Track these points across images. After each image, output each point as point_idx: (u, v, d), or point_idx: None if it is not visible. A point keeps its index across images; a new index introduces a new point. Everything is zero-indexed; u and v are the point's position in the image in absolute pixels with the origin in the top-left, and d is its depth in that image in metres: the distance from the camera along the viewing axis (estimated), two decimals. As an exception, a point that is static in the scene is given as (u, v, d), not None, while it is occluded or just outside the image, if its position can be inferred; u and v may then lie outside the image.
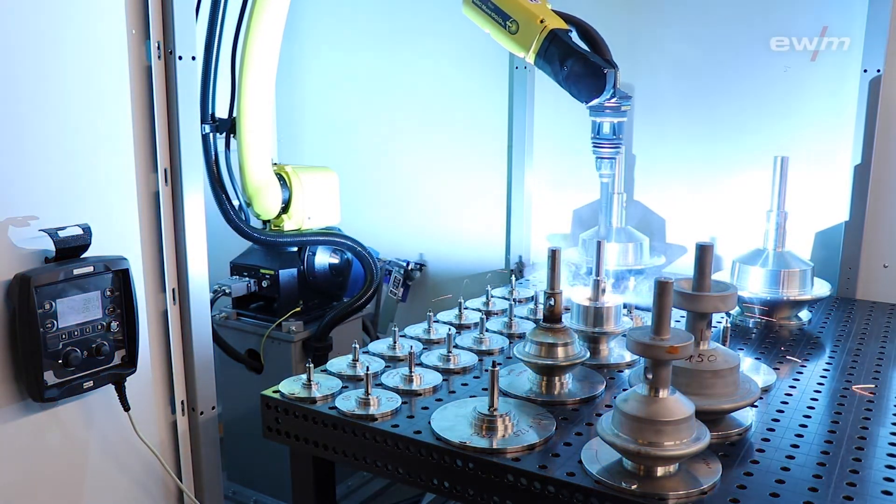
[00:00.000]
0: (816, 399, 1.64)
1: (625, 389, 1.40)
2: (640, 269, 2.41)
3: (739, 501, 1.22)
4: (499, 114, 2.92)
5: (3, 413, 1.51)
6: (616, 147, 2.17)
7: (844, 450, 1.39)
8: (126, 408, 1.68)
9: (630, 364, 1.82)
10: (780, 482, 1.27)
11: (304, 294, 2.54)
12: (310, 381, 1.65)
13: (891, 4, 2.20)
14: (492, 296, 2.32)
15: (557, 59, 1.96)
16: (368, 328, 2.99)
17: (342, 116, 3.35)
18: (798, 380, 1.74)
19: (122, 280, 1.63)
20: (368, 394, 1.56)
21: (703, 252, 1.45)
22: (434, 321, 2.07)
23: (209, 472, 1.93)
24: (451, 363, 1.80)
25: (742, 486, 1.26)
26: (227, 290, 2.45)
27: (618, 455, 1.29)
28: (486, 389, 1.45)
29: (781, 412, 1.56)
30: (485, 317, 2.07)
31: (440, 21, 3.00)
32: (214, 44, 2.25)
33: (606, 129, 2.14)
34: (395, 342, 1.90)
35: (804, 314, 2.23)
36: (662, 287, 1.25)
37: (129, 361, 1.67)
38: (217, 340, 2.39)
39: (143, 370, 1.73)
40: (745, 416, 1.50)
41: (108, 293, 1.61)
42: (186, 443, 1.89)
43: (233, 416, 2.59)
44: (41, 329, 1.49)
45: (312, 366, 1.67)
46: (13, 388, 1.52)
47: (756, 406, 1.56)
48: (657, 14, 2.59)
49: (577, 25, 2.07)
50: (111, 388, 1.67)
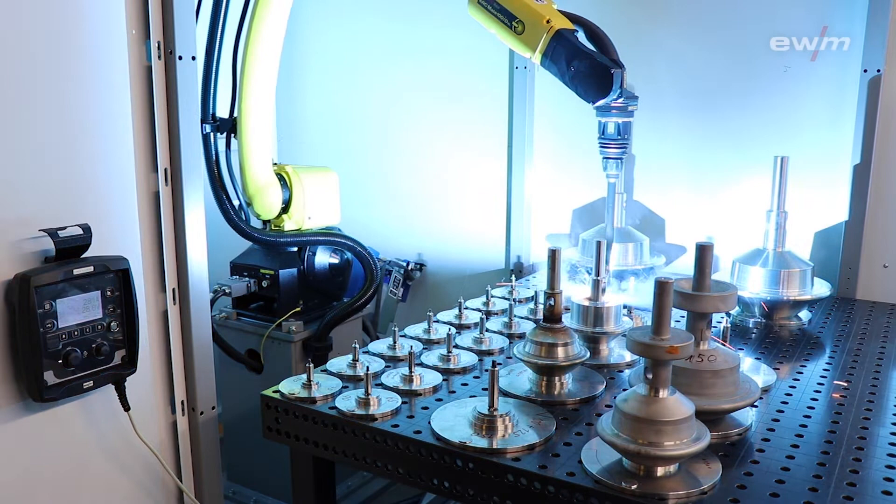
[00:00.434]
0: (816, 399, 1.64)
1: (625, 389, 1.40)
2: (639, 270, 2.40)
3: (739, 501, 1.22)
4: (499, 114, 2.92)
5: (3, 413, 1.51)
6: (623, 147, 2.15)
7: (844, 450, 1.39)
8: (126, 408, 1.68)
9: (630, 364, 1.82)
10: (780, 482, 1.27)
11: (304, 294, 2.54)
12: (310, 381, 1.65)
13: (891, 4, 2.20)
14: (492, 296, 2.32)
15: (564, 60, 1.95)
16: (368, 328, 2.99)
17: (342, 116, 3.35)
18: (798, 380, 1.74)
19: (122, 280, 1.63)
20: (368, 394, 1.56)
21: (703, 252, 1.45)
22: (434, 321, 2.07)
23: (209, 472, 1.93)
24: (451, 363, 1.80)
25: (742, 486, 1.26)
26: (227, 290, 2.45)
27: (618, 455, 1.29)
28: (486, 389, 1.45)
29: (781, 412, 1.56)
30: (485, 317, 2.07)
31: (440, 21, 3.00)
32: (216, 43, 2.25)
33: (613, 130, 2.11)
34: (395, 342, 1.90)
35: (804, 314, 2.23)
36: (662, 287, 1.25)
37: (129, 361, 1.67)
38: (217, 340, 2.39)
39: (143, 370, 1.72)
40: (745, 416, 1.50)
41: (108, 293, 1.61)
42: (186, 443, 1.89)
43: (233, 416, 2.59)
44: (41, 329, 1.49)
45: (312, 366, 1.67)
46: (13, 388, 1.52)
47: (756, 406, 1.56)
48: (657, 14, 2.59)
49: (583, 25, 2.06)
50: (111, 388, 1.67)
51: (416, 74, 3.11)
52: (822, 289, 2.22)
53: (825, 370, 1.82)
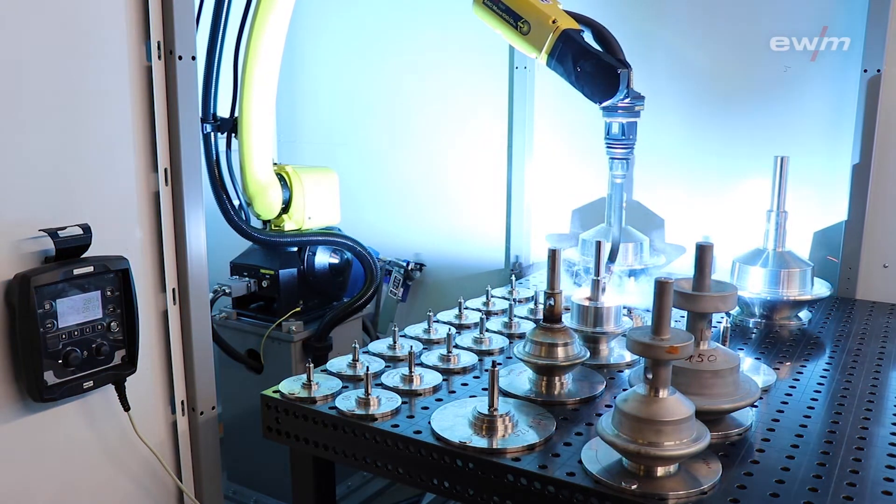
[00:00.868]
0: (816, 399, 1.64)
1: (625, 389, 1.40)
2: (640, 269, 2.40)
3: (739, 501, 1.22)
4: (499, 114, 2.92)
5: (3, 413, 1.51)
6: (629, 148, 2.14)
7: (844, 450, 1.39)
8: (126, 408, 1.68)
9: (630, 364, 1.82)
10: (780, 482, 1.27)
11: (304, 294, 2.54)
12: (310, 381, 1.65)
13: (891, 4, 2.20)
14: (492, 296, 2.32)
15: (570, 60, 1.94)
16: (368, 328, 2.99)
17: (342, 116, 3.35)
18: (798, 380, 1.74)
19: (122, 280, 1.63)
20: (368, 394, 1.56)
21: (703, 252, 1.45)
22: (434, 321, 2.07)
23: (209, 472, 1.93)
24: (451, 363, 1.80)
25: (742, 486, 1.26)
26: (227, 290, 2.45)
27: (618, 455, 1.29)
28: (486, 389, 1.45)
29: (781, 412, 1.56)
30: (485, 317, 2.07)
31: (440, 22, 3.00)
32: (217, 43, 2.25)
33: (619, 130, 2.09)
34: (395, 342, 1.90)
35: (804, 314, 2.23)
36: (662, 287, 1.25)
37: (129, 361, 1.67)
38: (217, 340, 2.39)
39: (143, 370, 1.72)
40: (745, 416, 1.50)
41: (108, 293, 1.61)
42: (186, 443, 1.88)
43: (233, 416, 2.59)
44: (41, 329, 1.49)
45: (312, 366, 1.67)
46: (13, 388, 1.52)
47: (756, 406, 1.56)
48: (657, 14, 2.59)
49: (589, 25, 2.04)
50: (111, 388, 1.67)
51: (417, 75, 3.11)
52: (822, 289, 2.22)
53: (825, 370, 1.82)
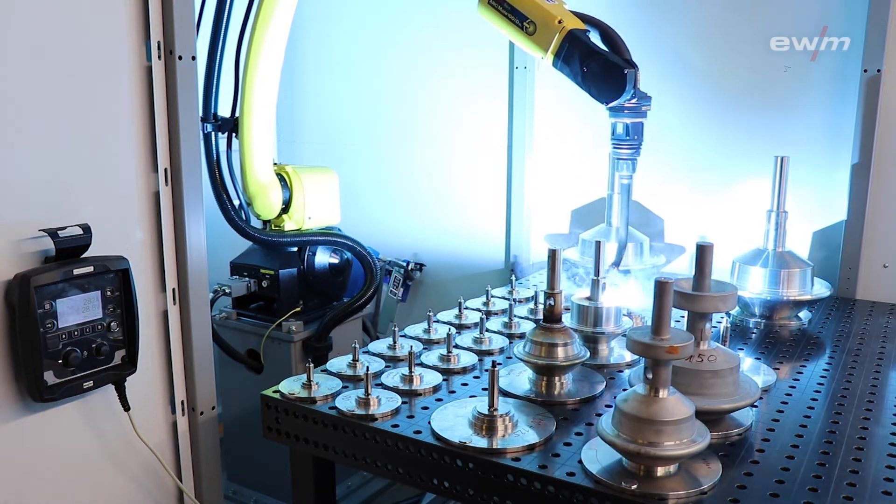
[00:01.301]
0: (816, 399, 1.64)
1: (625, 389, 1.40)
2: (639, 270, 2.40)
3: (739, 501, 1.22)
4: (499, 114, 2.92)
5: (3, 413, 1.51)
6: (635, 148, 2.12)
7: (844, 450, 1.39)
8: (126, 408, 1.68)
9: (630, 364, 1.82)
10: (780, 482, 1.27)
11: (304, 294, 2.54)
12: (310, 381, 1.65)
13: (891, 4, 2.20)
14: (492, 296, 2.32)
15: (577, 60, 1.92)
16: (368, 328, 2.99)
17: (342, 116, 3.35)
18: (798, 380, 1.74)
19: (122, 280, 1.63)
20: (368, 394, 1.56)
21: (703, 252, 1.45)
22: (434, 321, 2.07)
23: (209, 472, 1.93)
24: (451, 363, 1.80)
25: (742, 486, 1.26)
26: (227, 290, 2.45)
27: (618, 455, 1.29)
28: (486, 389, 1.45)
29: (781, 412, 1.56)
30: (485, 317, 2.07)
31: (440, 22, 3.00)
32: (219, 42, 2.25)
33: (624, 131, 2.07)
34: (395, 342, 1.90)
35: (804, 314, 2.23)
36: (662, 287, 1.25)
37: (129, 361, 1.67)
38: (217, 340, 2.39)
39: (143, 370, 1.72)
40: (745, 416, 1.50)
41: (108, 293, 1.61)
42: (186, 443, 1.88)
43: (233, 416, 2.59)
44: (41, 329, 1.49)
45: (312, 366, 1.67)
46: (13, 388, 1.52)
47: (756, 406, 1.56)
48: (656, 14, 2.59)
49: (595, 26, 2.03)
50: (111, 388, 1.67)
51: (416, 75, 3.11)
52: (822, 289, 2.22)
53: (825, 370, 1.82)
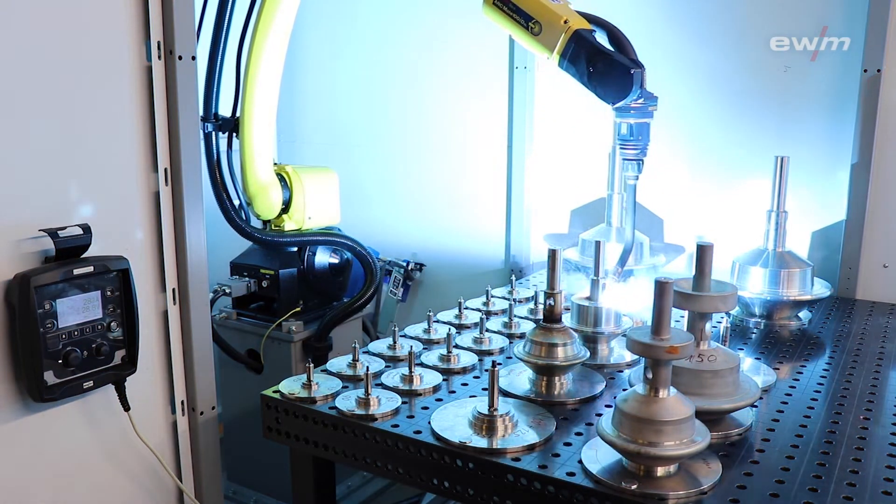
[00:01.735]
0: (816, 399, 1.64)
1: (625, 389, 1.40)
2: (638, 270, 2.40)
3: (739, 501, 1.22)
4: (499, 114, 2.92)
5: (3, 413, 1.51)
6: (641, 149, 2.10)
7: (844, 450, 1.39)
8: (126, 408, 1.68)
9: (630, 364, 1.82)
10: (780, 482, 1.27)
11: (304, 294, 2.54)
12: (310, 381, 1.65)
13: (891, 4, 2.20)
14: (492, 296, 2.32)
15: (583, 61, 1.91)
16: (368, 328, 2.99)
17: (342, 116, 3.35)
18: (798, 380, 1.74)
19: (122, 280, 1.63)
20: (368, 394, 1.56)
21: (703, 252, 1.45)
22: (434, 321, 2.07)
23: (209, 472, 1.93)
24: (451, 363, 1.80)
25: (742, 486, 1.26)
26: (227, 290, 2.45)
27: (618, 455, 1.29)
28: (486, 389, 1.45)
29: (781, 412, 1.56)
30: (485, 317, 2.07)
31: (440, 21, 3.00)
32: (220, 42, 2.25)
33: (631, 131, 2.03)
34: (395, 342, 1.90)
35: (804, 314, 2.23)
36: (662, 287, 1.25)
37: (129, 361, 1.67)
38: (217, 340, 2.39)
39: (143, 370, 1.72)
40: (745, 416, 1.50)
41: (108, 293, 1.61)
42: (186, 443, 1.88)
43: (233, 416, 2.59)
44: (41, 329, 1.49)
45: (312, 366, 1.67)
46: (13, 388, 1.52)
47: (756, 406, 1.56)
48: (656, 14, 2.59)
49: (601, 26, 2.02)
50: (111, 388, 1.67)
51: (416, 75, 3.11)
52: (822, 289, 2.22)
53: (825, 370, 1.82)
